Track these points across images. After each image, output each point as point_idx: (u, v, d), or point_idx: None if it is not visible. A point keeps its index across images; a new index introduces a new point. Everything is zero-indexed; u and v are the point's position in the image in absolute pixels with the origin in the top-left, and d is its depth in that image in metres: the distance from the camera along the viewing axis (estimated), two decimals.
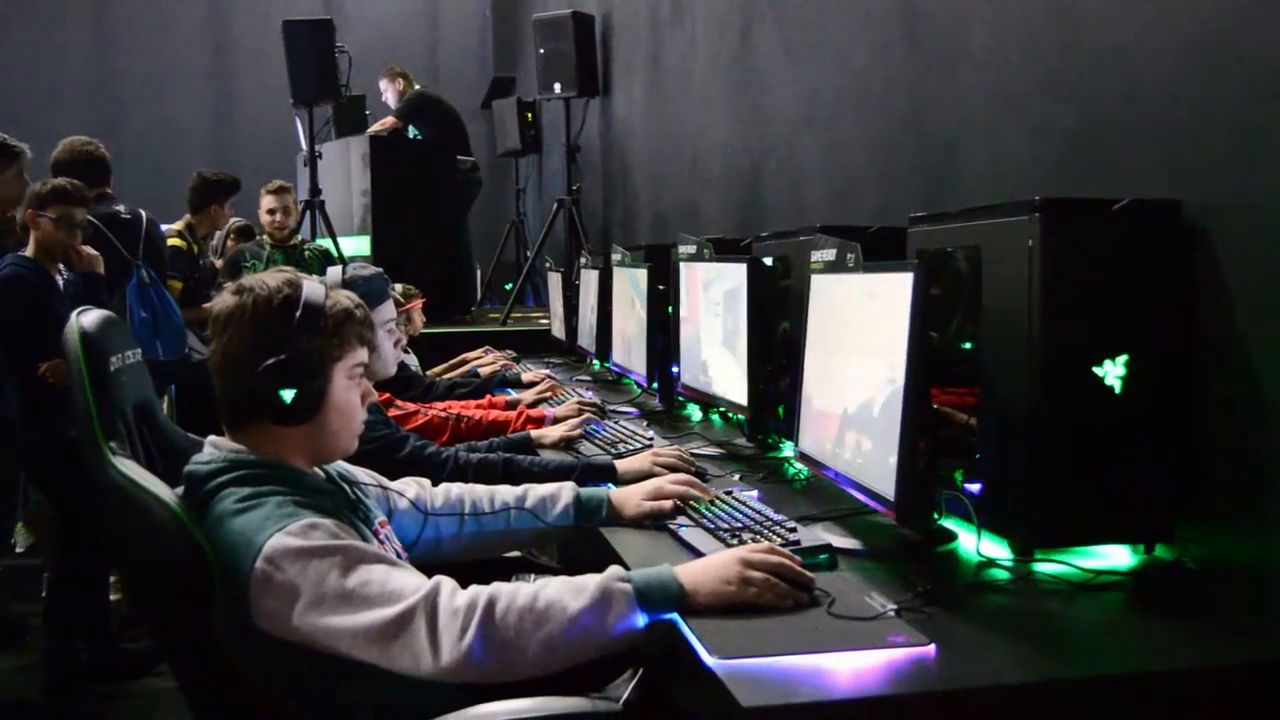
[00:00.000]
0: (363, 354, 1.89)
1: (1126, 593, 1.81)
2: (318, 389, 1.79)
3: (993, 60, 2.63)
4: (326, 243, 7.01)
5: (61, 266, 4.16)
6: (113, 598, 4.34)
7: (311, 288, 1.81)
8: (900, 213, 2.38)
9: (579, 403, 3.63)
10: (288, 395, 1.76)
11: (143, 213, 4.94)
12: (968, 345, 2.08)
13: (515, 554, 2.45)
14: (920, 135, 3.04)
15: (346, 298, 1.87)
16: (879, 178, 3.35)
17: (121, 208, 4.84)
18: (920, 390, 1.88)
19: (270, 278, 1.81)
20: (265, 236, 6.09)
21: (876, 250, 2.17)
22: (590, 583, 1.63)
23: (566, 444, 3.12)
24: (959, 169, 2.83)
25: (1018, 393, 1.92)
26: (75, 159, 4.83)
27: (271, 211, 5.98)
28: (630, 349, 4.13)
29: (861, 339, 2.08)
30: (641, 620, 1.62)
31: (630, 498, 2.24)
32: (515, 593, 1.61)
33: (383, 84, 8.78)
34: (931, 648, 1.51)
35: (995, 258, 1.99)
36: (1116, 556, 1.94)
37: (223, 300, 1.80)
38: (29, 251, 4.10)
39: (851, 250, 2.16)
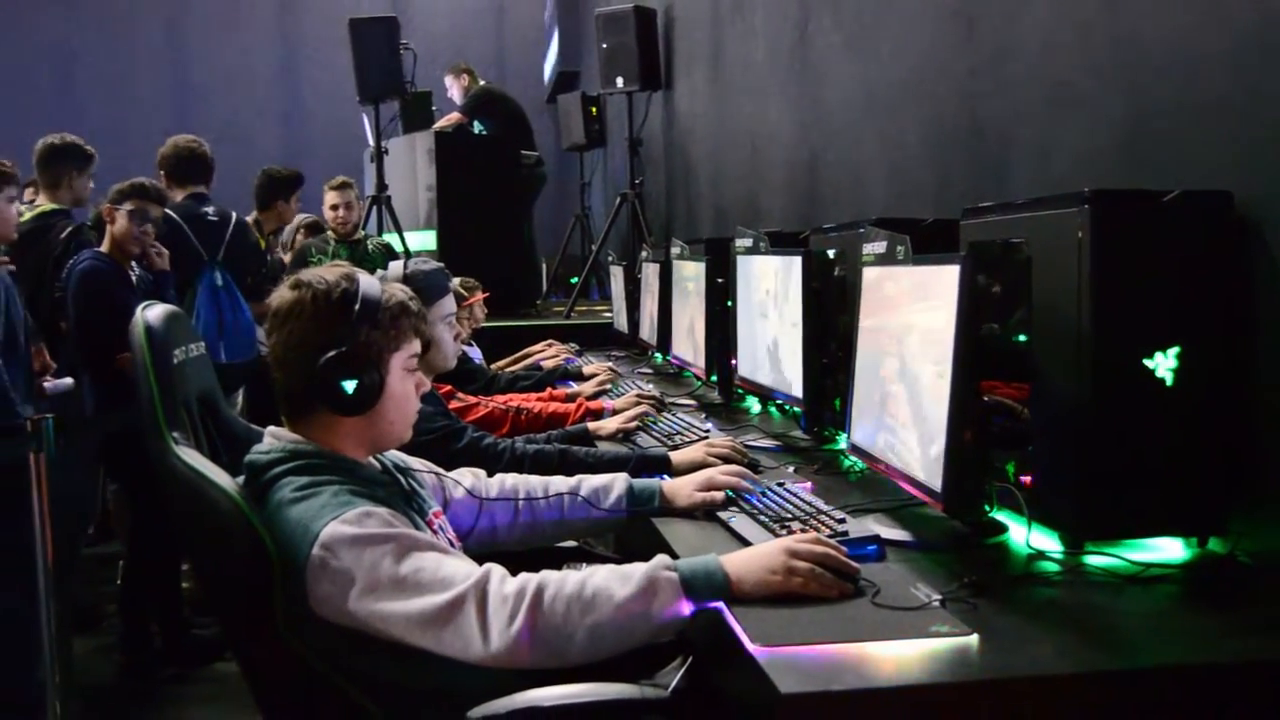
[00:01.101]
0: (417, 345, 1.94)
1: (1177, 586, 1.80)
2: (377, 380, 1.84)
3: (1046, 52, 2.62)
4: (392, 238, 7.10)
5: (135, 264, 4.27)
6: (184, 585, 4.45)
7: (368, 281, 1.86)
8: (957, 205, 2.37)
9: (637, 395, 3.66)
10: (349, 387, 1.81)
11: (233, 215, 5.02)
12: (1023, 338, 2.08)
13: (572, 544, 2.48)
14: (975, 127, 3.03)
15: (401, 290, 1.92)
16: (936, 170, 3.34)
17: (210, 208, 4.94)
18: (967, 381, 1.88)
19: (327, 272, 1.86)
20: (330, 232, 6.19)
21: (932, 243, 2.18)
22: (637, 571, 1.66)
23: (624, 436, 3.15)
24: (1014, 161, 2.82)
25: (1068, 385, 1.91)
26: (176, 153, 4.96)
27: (334, 207, 6.08)
28: (690, 342, 4.15)
29: (910, 331, 2.09)
30: (687, 609, 1.65)
31: (682, 488, 2.27)
32: (563, 580, 1.64)
33: (448, 80, 8.86)
34: (974, 638, 1.52)
35: (1045, 250, 1.98)
36: (1169, 550, 1.93)
37: (281, 294, 1.85)
38: (104, 247, 4.22)
39: (901, 243, 2.17)
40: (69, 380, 4.04)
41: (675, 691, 1.79)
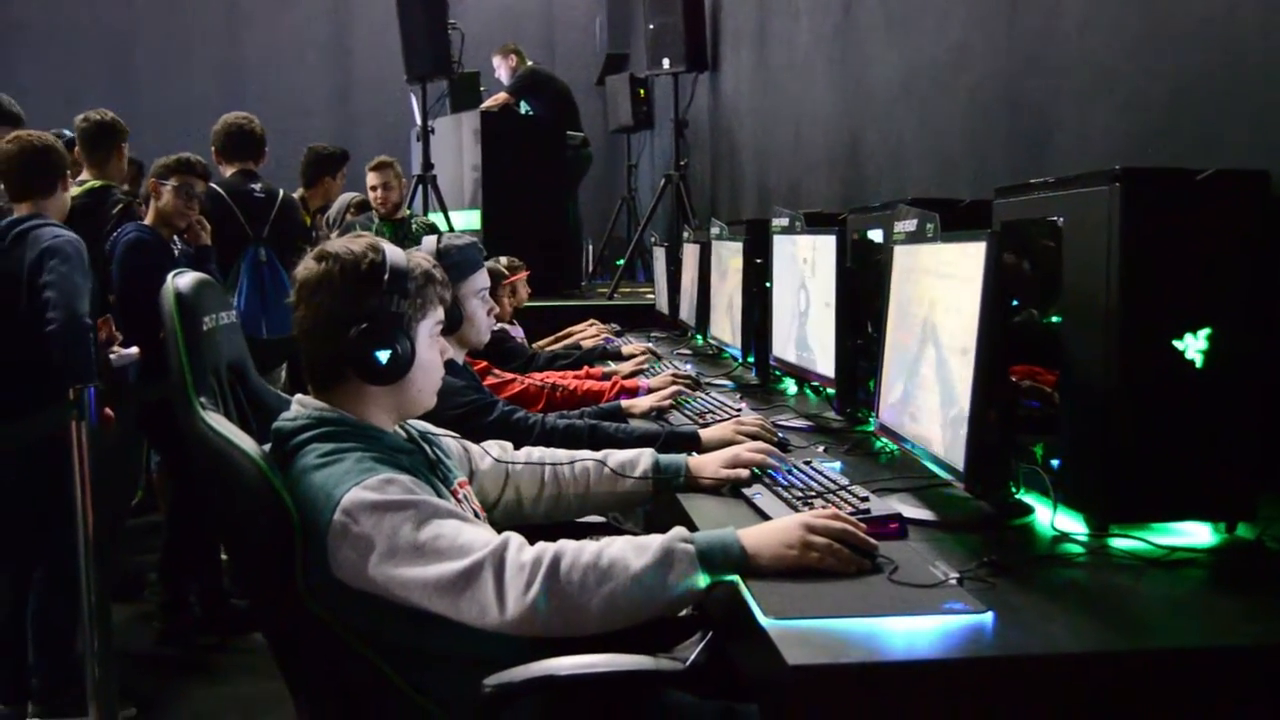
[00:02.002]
0: (441, 313, 1.96)
1: (1202, 571, 1.78)
2: (408, 349, 1.86)
3: (1086, 32, 2.60)
4: (437, 217, 7.14)
5: (176, 237, 4.33)
6: (224, 557, 4.51)
7: (394, 252, 1.88)
8: (996, 185, 2.36)
9: (672, 375, 3.66)
10: (383, 357, 1.83)
11: (280, 192, 5.07)
12: (1057, 320, 2.06)
13: (600, 520, 2.49)
14: (1015, 108, 3.00)
15: (424, 259, 1.94)
16: (975, 151, 3.32)
17: (257, 185, 4.99)
18: (992, 360, 1.87)
19: (352, 243, 1.87)
20: (374, 211, 6.23)
21: (969, 223, 2.16)
22: (653, 542, 1.66)
23: (657, 414, 3.15)
24: (1054, 142, 2.79)
25: (1097, 366, 1.89)
26: (227, 129, 5.03)
27: (374, 187, 6.12)
28: (728, 323, 4.15)
29: (939, 309, 2.07)
30: (703, 581, 1.65)
31: (708, 464, 2.27)
32: (580, 550, 1.65)
33: (496, 60, 8.88)
34: (989, 615, 1.51)
35: (1076, 229, 1.96)
36: (1196, 534, 1.90)
37: (307, 266, 1.86)
38: (149, 220, 4.28)
39: (930, 220, 2.16)
40: (135, 350, 4.10)
41: (693, 665, 1.79)
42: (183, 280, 1.89)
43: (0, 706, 3.67)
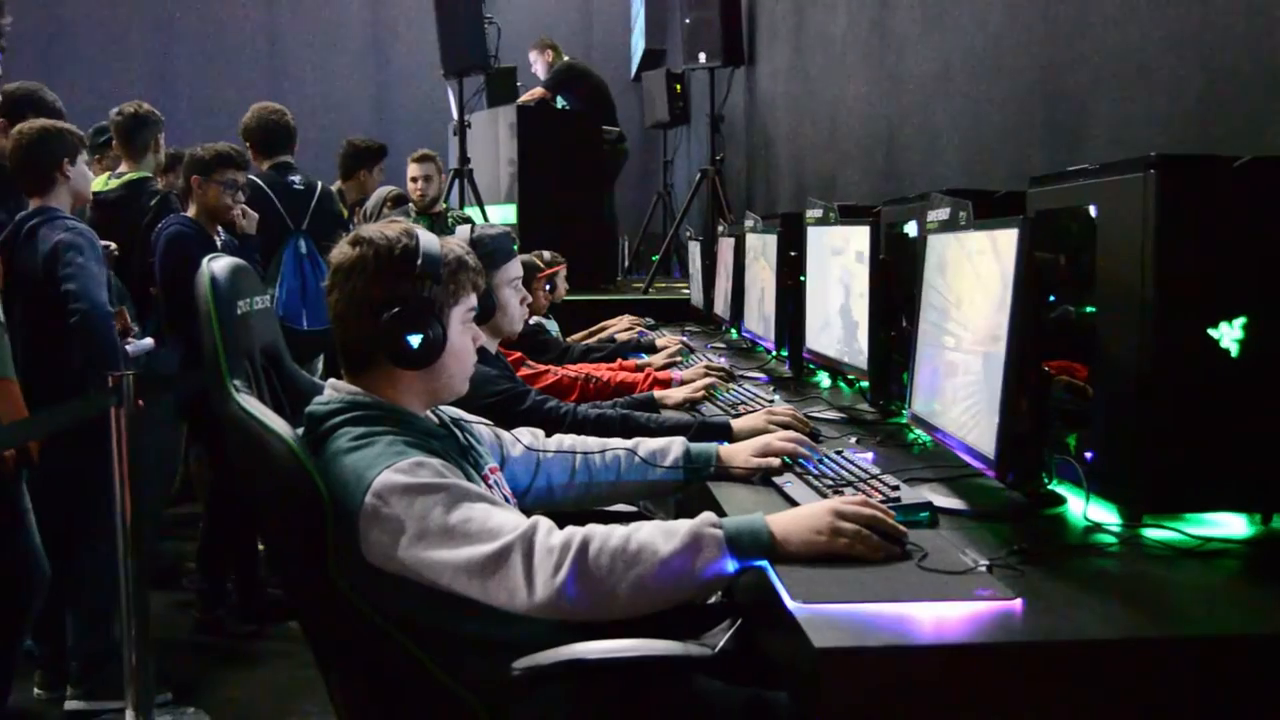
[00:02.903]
0: (474, 299, 1.97)
1: (1236, 562, 1.76)
2: (440, 334, 1.87)
3: (1124, 22, 2.57)
4: (474, 211, 7.17)
5: (220, 229, 4.37)
6: (260, 547, 4.56)
7: (427, 237, 1.89)
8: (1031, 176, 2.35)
9: (706, 367, 3.66)
10: (414, 341, 1.84)
11: (318, 184, 5.11)
12: (1090, 310, 2.04)
13: (630, 509, 2.49)
14: (1051, 99, 2.98)
15: (458, 245, 1.94)
16: (1012, 142, 3.30)
17: (296, 177, 5.02)
18: (1023, 347, 1.85)
19: (386, 229, 1.89)
20: (411, 204, 6.27)
21: (1004, 214, 2.14)
22: (682, 527, 1.67)
23: (690, 405, 3.15)
24: (1091, 133, 2.78)
25: (1131, 355, 1.87)
26: (260, 124, 5.06)
27: (415, 179, 6.16)
28: (762, 316, 4.15)
29: (971, 296, 2.07)
30: (731, 566, 1.65)
31: (739, 453, 2.27)
32: (609, 534, 1.65)
33: (532, 55, 8.90)
34: (1018, 602, 1.50)
35: (1111, 217, 1.95)
36: (1230, 525, 1.88)
37: (342, 251, 1.88)
38: (191, 212, 4.32)
39: (963, 208, 2.15)
40: (149, 341, 4.15)
41: (721, 651, 1.80)
42: (218, 264, 1.91)
43: (40, 691, 3.72)
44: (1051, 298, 2.09)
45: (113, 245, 4.25)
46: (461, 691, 1.75)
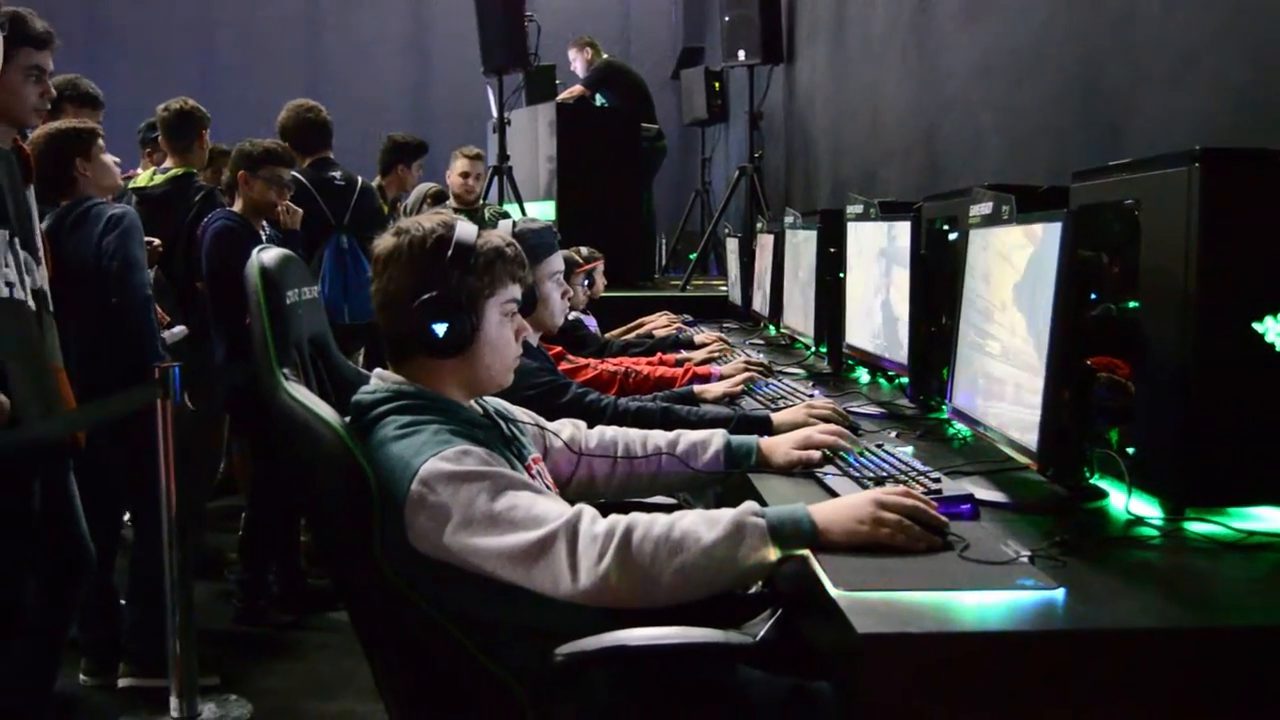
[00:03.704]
0: (515, 290, 1.98)
1: None
2: (470, 324, 1.89)
3: (1168, 16, 2.56)
4: (513, 208, 7.20)
5: (265, 223, 4.42)
6: (302, 539, 4.61)
7: (464, 228, 1.91)
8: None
9: (745, 362, 3.67)
10: (439, 329, 1.87)
11: (359, 179, 5.16)
12: (1133, 305, 2.04)
13: (670, 500, 2.51)
14: (1094, 94, 2.97)
15: (499, 237, 1.96)
16: (1054, 139, 3.29)
17: (337, 173, 5.08)
18: (1066, 339, 1.86)
19: (426, 220, 1.91)
20: (452, 200, 6.31)
21: (1046, 209, 2.14)
22: (725, 516, 1.68)
23: (729, 400, 3.16)
24: (1134, 129, 2.77)
25: (1174, 348, 1.87)
26: (298, 122, 5.11)
27: (465, 175, 6.22)
28: (801, 312, 4.15)
29: (1014, 290, 2.07)
30: (773, 555, 1.66)
31: (779, 445, 2.28)
32: (652, 522, 1.67)
33: (571, 53, 8.92)
34: (1060, 591, 1.51)
35: (1154, 211, 1.94)
36: (1275, 519, 1.87)
37: (383, 241, 1.91)
38: (237, 207, 4.38)
39: (1006, 202, 2.15)
40: (182, 328, 4.20)
41: (762, 641, 1.81)
42: (267, 255, 1.94)
43: (85, 678, 3.78)
44: (1093, 295, 2.09)
45: (156, 241, 4.31)
46: (505, 677, 1.76)
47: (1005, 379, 2.07)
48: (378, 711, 3.16)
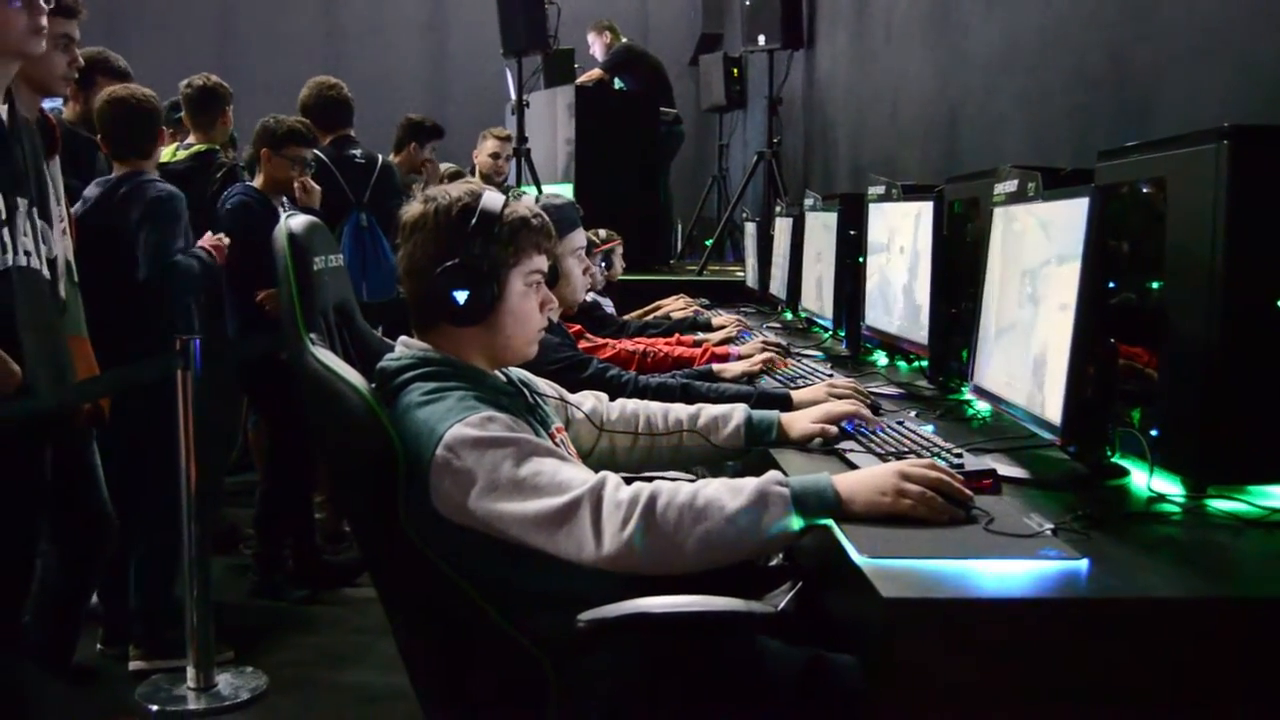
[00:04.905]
0: (540, 261, 1.98)
1: None
2: (491, 292, 1.90)
3: None
4: (530, 190, 7.20)
5: (285, 200, 4.44)
6: (318, 516, 4.63)
7: (490, 197, 1.91)
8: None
9: (763, 342, 3.67)
10: (460, 298, 1.87)
11: (379, 158, 5.16)
12: (1157, 285, 2.03)
13: (689, 476, 2.51)
14: (1120, 74, 2.96)
15: (525, 208, 1.96)
16: (1078, 121, 3.28)
17: (358, 151, 5.08)
18: (1091, 314, 1.86)
19: (453, 188, 1.92)
20: (479, 180, 6.31)
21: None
22: (748, 484, 1.69)
23: (747, 379, 3.16)
24: (1159, 110, 2.76)
25: (1199, 326, 1.87)
26: (320, 100, 5.12)
27: (495, 155, 6.26)
28: (820, 295, 4.15)
29: (1039, 267, 2.07)
30: (797, 524, 1.67)
31: (800, 420, 2.28)
32: (676, 489, 1.68)
33: (590, 37, 8.92)
34: (1084, 562, 1.51)
35: (1181, 189, 1.94)
36: None
37: (411, 209, 1.93)
38: (257, 183, 4.39)
39: (1032, 179, 2.15)
40: None
41: (783, 611, 1.82)
42: (295, 221, 1.95)
43: (102, 647, 3.80)
44: (1112, 284, 2.08)
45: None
46: (526, 643, 1.77)
47: (1029, 354, 2.07)
48: (393, 684, 3.21)
